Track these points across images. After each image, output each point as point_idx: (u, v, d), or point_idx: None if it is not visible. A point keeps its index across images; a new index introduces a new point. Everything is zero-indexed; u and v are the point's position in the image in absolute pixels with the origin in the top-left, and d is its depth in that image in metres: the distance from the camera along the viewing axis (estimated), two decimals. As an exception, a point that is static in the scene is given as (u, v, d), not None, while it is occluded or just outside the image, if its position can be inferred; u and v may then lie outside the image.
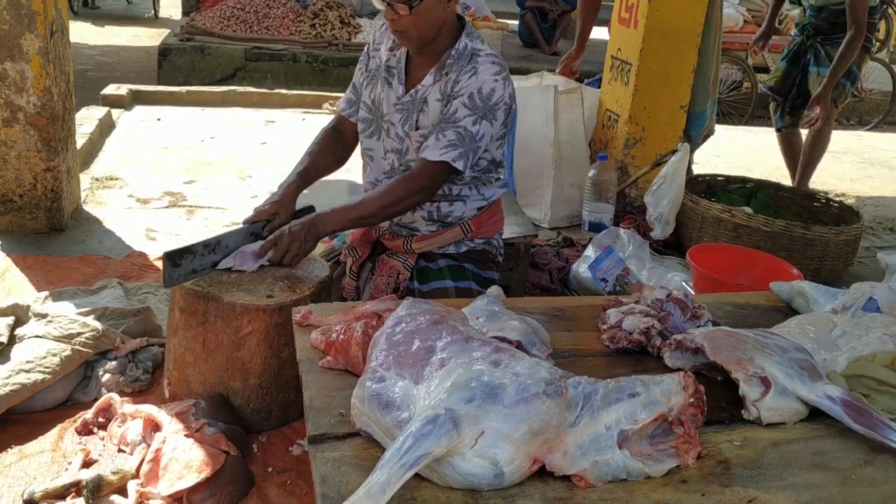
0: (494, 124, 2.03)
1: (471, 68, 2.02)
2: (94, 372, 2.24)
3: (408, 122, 2.10)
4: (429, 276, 2.21)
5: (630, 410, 1.20)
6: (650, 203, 3.50)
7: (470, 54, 2.05)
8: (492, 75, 2.01)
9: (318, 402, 1.35)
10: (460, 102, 2.00)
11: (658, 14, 3.64)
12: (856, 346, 1.59)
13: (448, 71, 2.05)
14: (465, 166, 2.02)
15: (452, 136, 2.00)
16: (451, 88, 2.03)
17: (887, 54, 10.79)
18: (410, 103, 2.10)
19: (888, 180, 5.60)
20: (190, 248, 1.98)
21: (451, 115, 2.01)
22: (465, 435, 1.09)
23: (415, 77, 2.12)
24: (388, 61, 2.16)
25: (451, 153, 2.00)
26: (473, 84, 2.00)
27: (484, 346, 1.28)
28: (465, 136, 2.00)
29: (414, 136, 2.09)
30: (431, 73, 2.07)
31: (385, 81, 2.15)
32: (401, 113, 2.11)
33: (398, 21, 1.97)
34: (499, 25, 8.40)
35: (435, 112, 2.06)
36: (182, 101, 5.83)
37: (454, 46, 2.05)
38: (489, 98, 2.01)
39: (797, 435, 1.35)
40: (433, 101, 2.07)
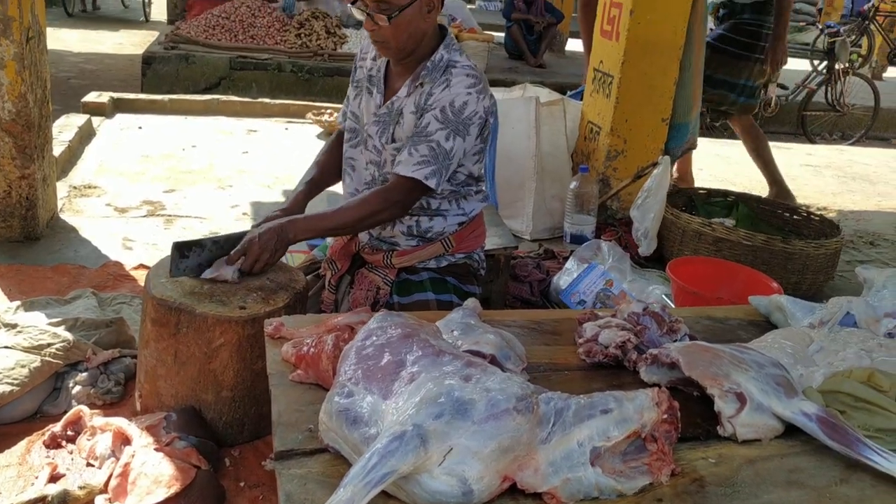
0: (468, 139, 2.01)
1: (444, 80, 2.00)
2: (64, 384, 2.20)
3: (384, 134, 2.09)
4: (410, 289, 2.19)
5: (602, 427, 1.17)
6: (636, 217, 3.50)
7: (445, 66, 2.03)
8: (465, 88, 1.99)
9: (286, 417, 1.33)
10: (432, 116, 1.98)
11: (639, 27, 3.65)
12: (832, 362, 1.58)
13: (422, 82, 2.03)
14: (437, 184, 2.00)
15: (425, 152, 1.98)
16: (425, 101, 2.01)
17: (869, 70, 10.94)
18: (387, 115, 2.08)
19: (869, 194, 5.64)
20: (199, 242, 2.01)
21: (424, 128, 1.99)
22: (432, 452, 1.07)
23: (393, 88, 2.10)
24: (371, 71, 2.15)
25: (424, 170, 1.98)
26: (446, 97, 1.98)
27: (455, 360, 1.25)
28: (438, 153, 1.98)
29: (389, 149, 2.08)
30: (406, 85, 2.05)
31: (367, 91, 2.15)
32: (378, 125, 2.10)
33: (378, 31, 1.96)
34: (485, 37, 8.42)
35: (409, 124, 2.04)
36: (164, 109, 5.80)
37: (430, 58, 2.03)
38: (461, 112, 1.98)
39: (772, 452, 1.33)
40: (408, 114, 2.05)
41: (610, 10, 3.83)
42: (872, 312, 1.79)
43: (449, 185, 2.09)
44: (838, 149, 7.34)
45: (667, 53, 3.74)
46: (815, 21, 13.32)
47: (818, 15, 15.20)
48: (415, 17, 1.95)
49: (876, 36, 11.26)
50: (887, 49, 11.82)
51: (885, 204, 5.40)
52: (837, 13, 14.87)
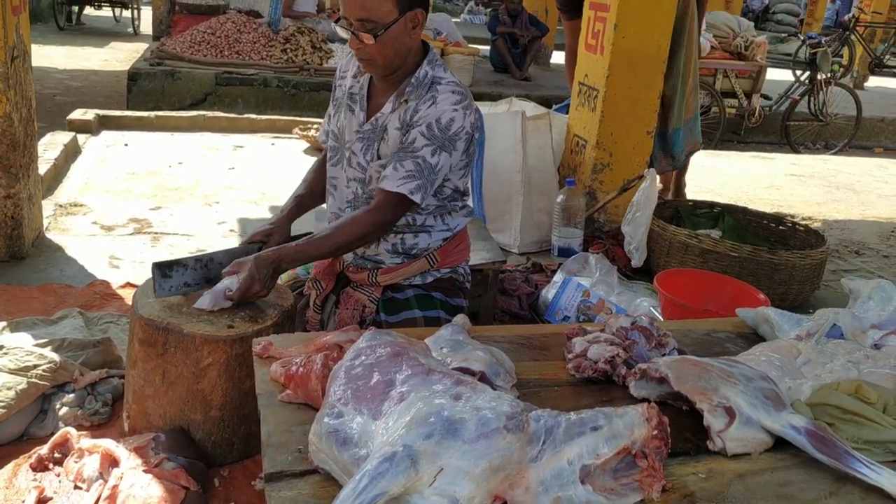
0: (454, 154, 2.02)
1: (430, 97, 2.01)
2: (51, 405, 2.17)
3: (369, 151, 2.08)
4: (397, 307, 2.18)
5: (592, 444, 1.18)
6: (628, 232, 3.51)
7: (430, 82, 2.03)
8: (451, 105, 1.99)
9: (275, 438, 1.32)
10: (419, 132, 1.99)
11: (624, 41, 3.68)
12: (820, 374, 1.59)
13: (407, 98, 2.03)
14: (422, 198, 2.00)
15: (411, 167, 1.98)
16: (411, 117, 2.01)
17: (850, 80, 11.07)
18: (371, 132, 2.08)
19: (853, 204, 5.69)
20: (180, 261, 2.00)
21: (410, 144, 1.99)
22: (423, 472, 1.06)
23: (376, 104, 2.10)
24: (352, 88, 2.14)
25: (409, 184, 1.98)
26: (432, 114, 1.99)
27: (445, 378, 1.25)
28: (423, 168, 1.98)
29: (374, 166, 2.08)
30: (391, 101, 2.05)
31: (348, 108, 2.14)
32: (362, 142, 2.10)
33: (363, 49, 1.96)
34: (470, 51, 8.45)
35: (394, 140, 2.04)
36: (150, 126, 5.78)
37: (414, 74, 2.04)
38: (448, 128, 1.99)
39: (762, 466, 1.34)
40: (392, 130, 2.05)
41: (594, 24, 3.86)
42: (859, 324, 1.80)
43: (435, 199, 2.09)
44: (822, 158, 7.41)
45: (651, 67, 3.77)
46: (796, 32, 13.47)
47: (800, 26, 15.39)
48: (400, 34, 1.95)
49: (857, 46, 11.40)
50: (868, 59, 11.96)
51: (870, 213, 5.45)
52: (819, 24, 15.05)
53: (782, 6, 18.98)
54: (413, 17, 1.97)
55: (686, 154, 4.33)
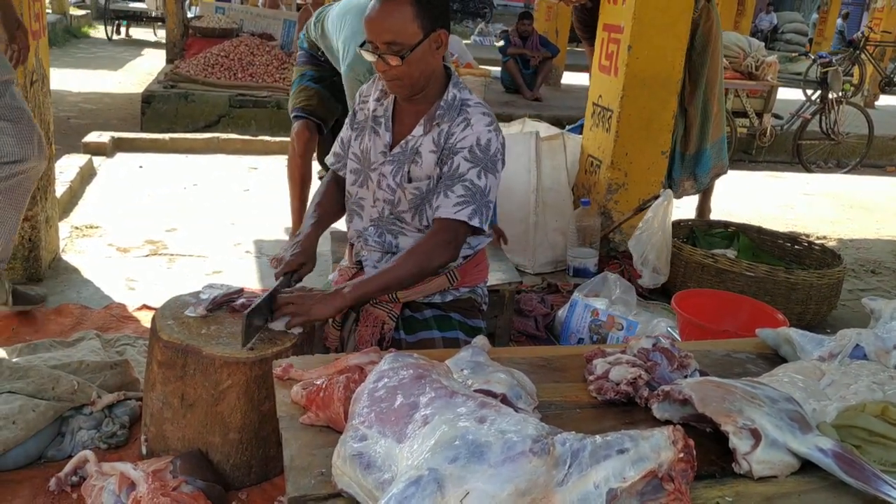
0: (497, 175, 2.05)
1: (462, 120, 2.03)
2: (68, 428, 2.17)
3: (399, 173, 2.10)
4: (415, 327, 2.18)
5: (619, 467, 1.16)
6: (634, 249, 3.51)
7: (459, 105, 2.06)
8: (485, 126, 2.03)
9: (298, 462, 1.31)
10: (462, 157, 2.01)
11: (638, 62, 3.69)
12: (845, 395, 1.57)
13: (439, 122, 2.05)
14: (481, 223, 2.01)
15: (461, 192, 2.00)
16: (446, 141, 2.04)
17: (861, 98, 11.06)
18: (401, 154, 2.10)
19: (867, 222, 5.66)
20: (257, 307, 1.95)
21: (455, 170, 2.01)
22: (449, 496, 1.06)
23: (403, 126, 2.12)
24: (375, 111, 2.17)
25: (465, 210, 1.99)
26: (470, 137, 2.01)
27: (469, 401, 1.24)
28: (474, 192, 2.00)
29: (409, 189, 2.09)
30: (421, 125, 2.07)
31: (372, 131, 2.16)
32: (392, 164, 2.11)
33: (390, 71, 1.98)
34: (481, 72, 8.50)
35: (428, 163, 2.06)
36: (165, 148, 5.83)
37: (443, 97, 2.06)
38: (488, 149, 2.02)
39: (790, 489, 1.32)
40: (426, 153, 2.06)
41: (608, 45, 3.87)
42: (882, 344, 1.78)
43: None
44: (835, 177, 7.39)
45: (665, 87, 3.77)
46: (806, 51, 13.49)
47: (809, 45, 15.41)
48: (425, 54, 1.99)
49: (867, 65, 11.40)
50: (879, 78, 11.96)
51: (884, 231, 5.42)
52: (828, 43, 15.08)
53: (791, 26, 19.04)
54: (437, 38, 2.00)
55: (711, 177, 4.32)
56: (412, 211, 2.12)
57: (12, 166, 2.56)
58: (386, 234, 2.17)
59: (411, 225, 2.14)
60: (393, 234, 2.17)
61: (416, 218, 2.13)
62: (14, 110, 2.56)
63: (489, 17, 21.00)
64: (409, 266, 2.00)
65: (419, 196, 2.10)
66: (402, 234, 2.16)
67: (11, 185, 2.60)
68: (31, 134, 2.59)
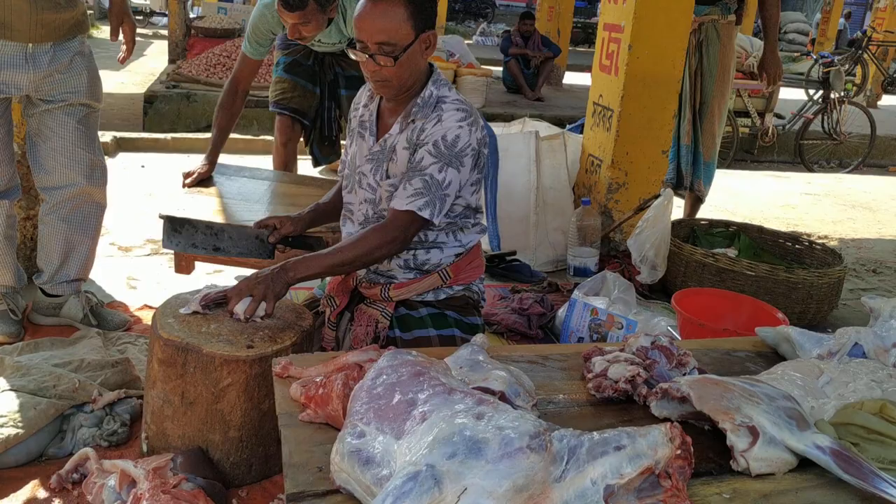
0: (462, 171, 2.04)
1: (435, 116, 2.04)
2: (69, 425, 2.18)
3: (378, 171, 2.12)
4: (410, 325, 2.19)
5: (616, 464, 1.17)
6: (633, 247, 3.51)
7: (435, 102, 2.06)
8: (456, 122, 2.02)
9: (296, 458, 1.32)
10: (425, 150, 2.02)
11: (638, 61, 3.69)
12: (843, 394, 1.58)
13: (414, 119, 2.06)
14: (432, 215, 2.01)
15: (419, 185, 2.00)
16: (417, 137, 2.05)
17: (864, 98, 11.05)
18: (380, 153, 2.12)
19: (869, 222, 5.66)
20: (190, 220, 2.05)
21: (418, 163, 2.02)
22: (446, 492, 1.06)
23: (385, 126, 2.14)
24: (362, 116, 2.19)
25: (418, 202, 1.99)
26: (438, 132, 2.02)
27: (467, 398, 1.25)
28: (431, 185, 2.00)
29: (384, 185, 2.11)
30: (398, 122, 2.09)
31: (359, 135, 2.18)
32: (371, 163, 2.13)
33: (379, 72, 1.99)
34: (483, 72, 8.50)
35: (402, 160, 2.07)
36: (167, 147, 5.84)
37: (420, 94, 2.07)
38: (454, 145, 2.01)
39: (787, 486, 1.33)
40: (401, 150, 2.08)
41: (608, 45, 3.88)
42: (881, 342, 1.79)
43: (446, 217, 2.11)
44: (837, 177, 7.38)
45: (665, 87, 3.78)
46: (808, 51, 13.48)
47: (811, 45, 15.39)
48: (415, 55, 2.00)
49: (869, 65, 11.39)
50: (881, 77, 11.95)
51: (886, 231, 5.42)
52: (830, 43, 15.06)
53: (793, 26, 18.99)
54: (426, 39, 2.01)
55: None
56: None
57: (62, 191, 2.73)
58: None
59: None
60: None
61: None
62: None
63: (491, 18, 21.02)
64: (356, 251, 2.01)
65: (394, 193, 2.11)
66: None
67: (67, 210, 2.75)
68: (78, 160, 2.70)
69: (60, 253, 2.79)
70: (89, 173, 2.75)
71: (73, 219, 2.78)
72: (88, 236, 2.83)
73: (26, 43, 2.48)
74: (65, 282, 2.82)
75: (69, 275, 2.82)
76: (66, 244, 2.78)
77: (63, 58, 2.57)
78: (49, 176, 2.72)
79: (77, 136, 2.67)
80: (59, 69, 2.57)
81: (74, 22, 2.60)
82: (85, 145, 2.70)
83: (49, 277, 2.82)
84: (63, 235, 2.77)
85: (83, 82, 2.65)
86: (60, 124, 2.64)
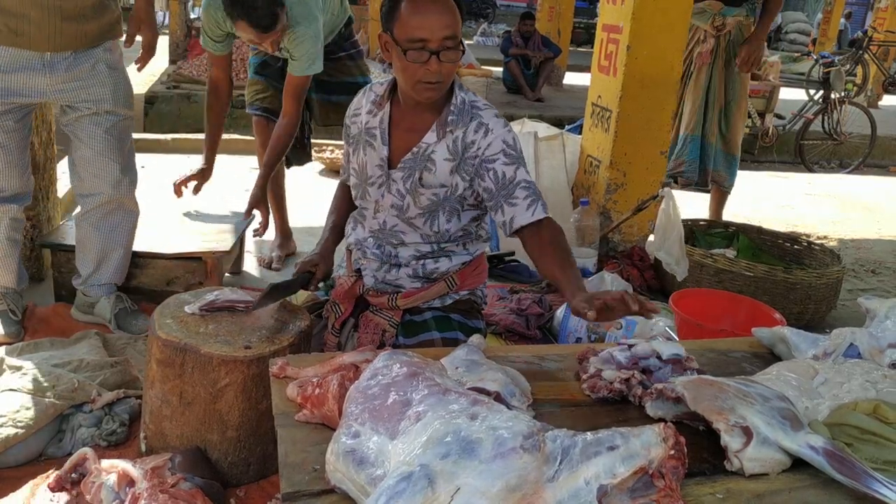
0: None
1: (477, 125, 2.01)
2: (69, 425, 2.19)
3: (410, 178, 2.06)
4: (415, 330, 2.18)
5: (609, 464, 1.17)
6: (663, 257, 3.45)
7: (469, 108, 2.04)
8: (504, 128, 2.02)
9: (292, 458, 1.33)
10: (501, 164, 1.98)
11: (636, 62, 3.70)
12: (838, 394, 1.58)
13: (452, 129, 2.02)
14: (545, 211, 2.00)
15: (524, 194, 1.98)
16: (465, 151, 2.01)
17: (864, 98, 11.04)
18: (412, 161, 2.06)
19: (869, 223, 5.66)
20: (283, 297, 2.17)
21: (503, 177, 1.99)
22: (440, 492, 1.07)
23: (405, 135, 2.08)
24: (368, 124, 2.12)
25: (539, 207, 1.98)
26: (497, 143, 1.99)
27: (461, 398, 1.26)
28: (529, 186, 1.99)
29: (423, 193, 2.06)
30: (433, 131, 2.03)
31: (367, 144, 2.12)
32: (402, 171, 2.07)
33: (441, 71, 1.90)
34: (483, 73, 8.52)
35: (443, 171, 2.03)
36: (167, 148, 5.85)
37: (451, 101, 2.03)
38: (515, 145, 2.02)
39: (780, 486, 1.33)
40: (440, 161, 2.03)
41: (607, 46, 3.88)
42: (876, 343, 1.79)
43: (460, 222, 2.12)
44: (837, 177, 7.38)
45: (663, 87, 3.78)
46: (809, 51, 13.48)
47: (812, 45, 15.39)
48: None
49: (870, 65, 11.38)
50: (882, 78, 11.94)
51: (885, 232, 5.42)
52: (831, 43, 15.06)
53: (794, 26, 19.00)
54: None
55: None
56: (425, 216, 2.09)
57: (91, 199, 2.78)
58: (385, 245, 2.17)
59: (420, 231, 2.12)
60: (392, 245, 2.16)
61: (428, 224, 2.10)
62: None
63: (491, 18, 21.01)
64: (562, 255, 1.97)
65: (435, 203, 2.07)
66: (402, 245, 2.15)
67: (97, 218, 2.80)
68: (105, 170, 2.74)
69: (94, 259, 2.85)
70: (116, 183, 2.76)
71: (104, 226, 2.82)
72: (120, 244, 2.87)
73: (44, 52, 2.48)
74: (97, 285, 2.88)
75: (101, 279, 2.88)
76: (98, 251, 2.84)
77: (83, 64, 2.57)
78: (81, 183, 2.77)
79: (105, 145, 2.69)
80: (78, 75, 2.57)
81: (101, 30, 2.59)
82: (113, 155, 2.72)
83: (83, 280, 2.89)
84: (95, 243, 2.83)
85: (107, 90, 2.64)
86: (89, 134, 2.67)
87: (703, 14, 4.15)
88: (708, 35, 4.16)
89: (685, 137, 4.27)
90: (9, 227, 2.70)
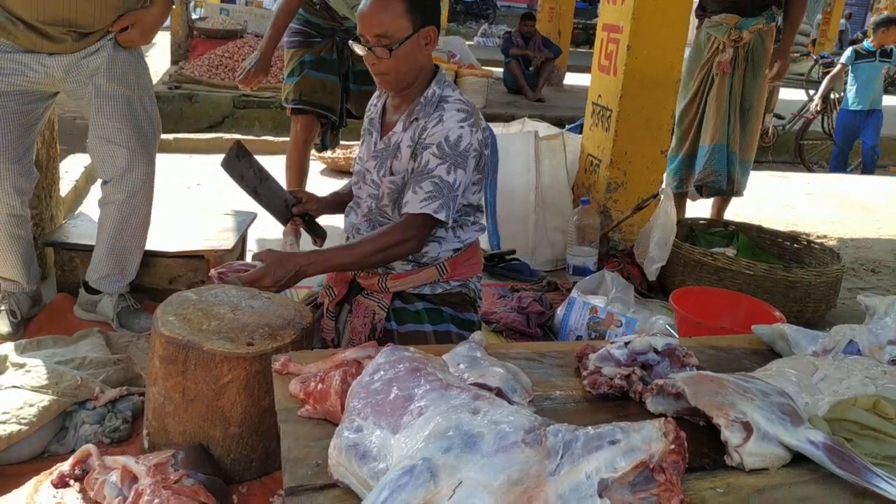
0: (467, 171, 2.08)
1: (437, 116, 2.08)
2: (72, 422, 2.20)
3: (382, 167, 2.17)
4: (405, 318, 2.22)
5: (610, 458, 1.18)
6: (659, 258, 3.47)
7: (437, 101, 2.11)
8: (457, 122, 2.06)
9: (295, 453, 1.33)
10: (430, 153, 2.06)
11: (637, 62, 3.71)
12: (837, 390, 1.59)
13: (417, 117, 2.11)
14: (447, 216, 2.06)
15: (430, 188, 2.04)
16: (419, 136, 2.09)
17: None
18: (385, 150, 2.17)
19: (868, 222, 5.67)
20: (251, 156, 2.33)
21: (424, 166, 2.06)
22: (442, 486, 1.08)
23: (389, 124, 2.20)
24: (371, 114, 2.27)
25: (432, 205, 2.04)
26: (440, 133, 2.06)
27: (463, 393, 1.27)
28: (442, 186, 2.04)
29: (386, 182, 2.16)
30: (402, 120, 2.14)
31: (367, 133, 2.26)
32: (376, 160, 2.18)
33: (378, 64, 2.05)
34: (484, 73, 8.52)
35: (406, 158, 2.12)
36: (169, 148, 5.86)
37: (423, 93, 2.12)
38: (457, 145, 2.05)
39: (780, 481, 1.34)
40: (404, 148, 2.13)
41: (607, 45, 3.89)
42: (876, 340, 1.80)
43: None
44: (835, 177, 7.39)
45: (663, 87, 3.79)
46: (808, 52, 13.48)
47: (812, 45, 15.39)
48: (413, 49, 2.05)
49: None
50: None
51: (885, 231, 5.43)
52: (831, 43, 15.06)
53: (794, 26, 18.99)
54: (426, 35, 2.06)
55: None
56: (391, 205, 2.18)
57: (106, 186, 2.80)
58: (377, 227, 2.23)
59: (393, 218, 2.20)
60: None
61: (395, 211, 2.18)
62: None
63: (492, 19, 21.03)
64: (371, 250, 2.06)
65: (395, 190, 2.16)
66: None
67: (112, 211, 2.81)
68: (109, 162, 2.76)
69: (102, 251, 2.85)
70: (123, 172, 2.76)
71: (115, 219, 2.81)
72: (128, 241, 2.86)
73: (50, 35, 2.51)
74: (102, 278, 2.88)
75: (106, 273, 2.87)
76: (106, 245, 2.84)
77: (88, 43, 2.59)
78: (97, 169, 2.81)
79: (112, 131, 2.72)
80: (83, 54, 2.61)
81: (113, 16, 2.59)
82: (123, 141, 2.72)
83: (91, 272, 2.89)
84: (104, 235, 2.83)
85: (115, 69, 2.67)
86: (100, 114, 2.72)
87: (720, 27, 4.04)
88: (727, 45, 4.08)
89: (711, 148, 4.11)
90: (8, 223, 2.69)
